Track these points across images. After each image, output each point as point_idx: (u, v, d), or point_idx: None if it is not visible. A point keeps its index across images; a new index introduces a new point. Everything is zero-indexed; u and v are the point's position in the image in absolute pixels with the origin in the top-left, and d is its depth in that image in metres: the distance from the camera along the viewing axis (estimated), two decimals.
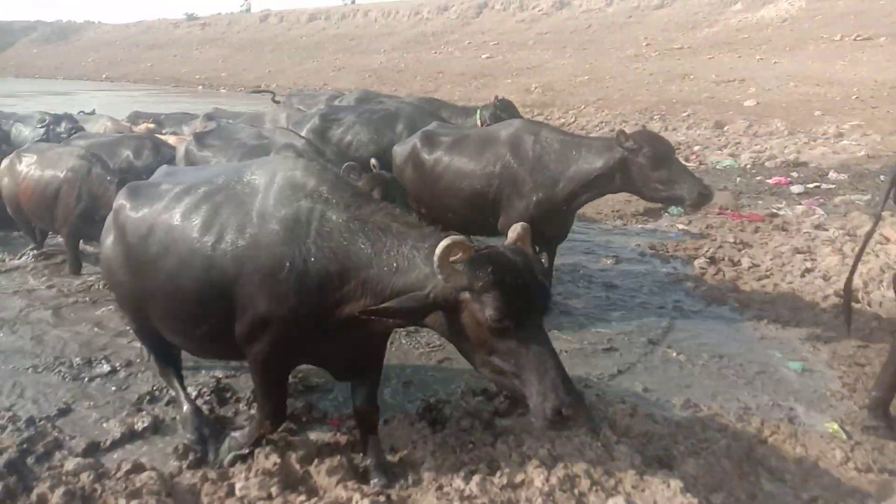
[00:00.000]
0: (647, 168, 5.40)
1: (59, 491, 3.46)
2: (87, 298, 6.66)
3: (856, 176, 12.26)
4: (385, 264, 3.03)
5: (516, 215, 5.64)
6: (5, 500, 3.53)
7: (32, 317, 6.19)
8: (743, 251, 7.87)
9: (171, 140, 9.49)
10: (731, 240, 8.34)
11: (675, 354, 5.40)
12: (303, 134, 7.92)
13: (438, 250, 2.71)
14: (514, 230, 3.05)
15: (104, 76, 51.13)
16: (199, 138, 7.33)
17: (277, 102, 14.88)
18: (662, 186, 5.44)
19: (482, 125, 9.20)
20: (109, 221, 4.16)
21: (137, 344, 5.57)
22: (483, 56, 37.71)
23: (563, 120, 22.51)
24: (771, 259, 7.42)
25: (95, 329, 5.94)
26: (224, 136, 7.40)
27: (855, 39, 25.84)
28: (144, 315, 4.00)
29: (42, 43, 70.06)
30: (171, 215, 3.65)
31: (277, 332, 3.30)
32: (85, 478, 3.62)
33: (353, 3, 63.09)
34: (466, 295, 2.77)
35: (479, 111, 9.72)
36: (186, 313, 3.62)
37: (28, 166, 7.40)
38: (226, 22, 62.65)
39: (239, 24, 61.08)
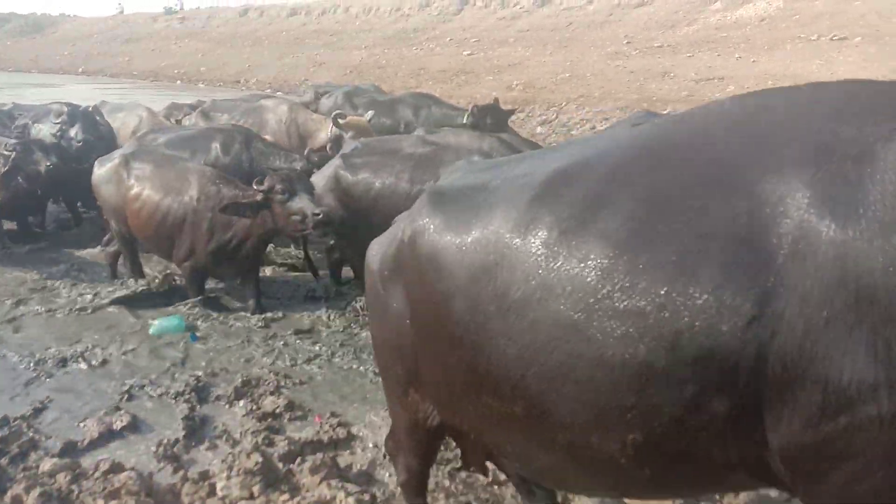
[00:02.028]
0: None
1: (35, 493, 3.39)
2: (59, 296, 6.53)
3: None
4: None
5: None
6: None
7: (6, 315, 6.05)
8: None
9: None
10: None
11: None
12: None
13: None
14: None
15: (80, 70, 50.23)
16: (349, 159, 6.01)
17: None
18: None
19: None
20: (391, 251, 2.56)
21: (113, 340, 5.50)
22: (464, 53, 37.61)
23: (544, 117, 22.57)
24: None
25: (71, 327, 5.82)
26: (379, 150, 6.07)
27: (831, 39, 26.16)
28: (446, 411, 2.51)
29: (16, 35, 68.70)
30: (543, 246, 1.92)
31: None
32: (62, 478, 3.55)
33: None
34: None
35: (467, 114, 9.50)
36: (588, 423, 1.86)
37: (142, 183, 6.21)
38: (205, 16, 61.92)
39: (218, 18, 60.38)
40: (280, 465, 3.75)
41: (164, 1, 66.26)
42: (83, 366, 5.09)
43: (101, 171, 6.63)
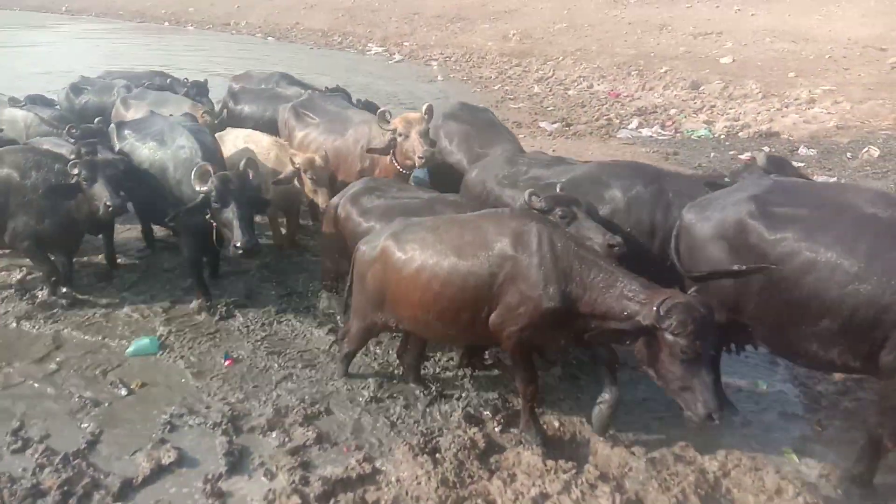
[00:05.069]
0: None
1: None
2: (94, 315, 6.78)
3: (824, 152, 12.74)
4: None
5: None
6: None
7: (42, 338, 6.29)
8: None
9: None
10: None
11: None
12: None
13: None
14: None
15: (63, 9, 49.02)
16: (764, 207, 4.37)
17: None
18: None
19: None
20: None
21: (148, 360, 5.91)
22: None
23: (541, 73, 22.50)
24: None
25: (105, 348, 6.16)
26: (811, 200, 4.38)
27: None
28: None
29: None
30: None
31: None
32: None
33: None
34: None
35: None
36: None
37: (424, 248, 4.61)
38: None
39: None
40: None
41: None
42: (123, 391, 5.48)
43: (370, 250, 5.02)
